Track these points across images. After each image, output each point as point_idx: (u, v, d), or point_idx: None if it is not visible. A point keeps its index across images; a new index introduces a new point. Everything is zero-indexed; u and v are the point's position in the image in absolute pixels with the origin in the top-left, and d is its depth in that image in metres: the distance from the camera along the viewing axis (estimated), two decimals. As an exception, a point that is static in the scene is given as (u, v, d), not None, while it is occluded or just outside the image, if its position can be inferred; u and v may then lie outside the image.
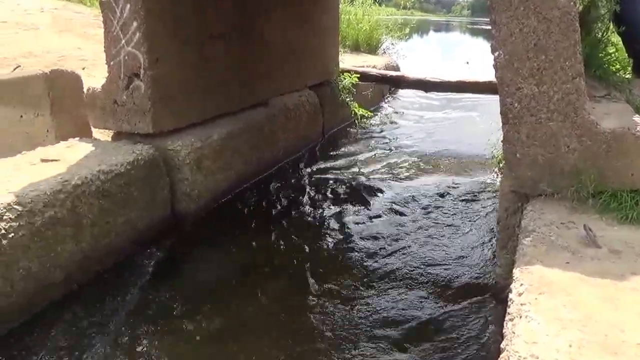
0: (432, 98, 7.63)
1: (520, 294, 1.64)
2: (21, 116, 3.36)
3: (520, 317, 1.53)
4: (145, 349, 2.39)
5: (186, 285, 2.91)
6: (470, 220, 3.76)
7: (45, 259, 2.57)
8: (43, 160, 2.94)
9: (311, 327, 2.59)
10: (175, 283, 2.92)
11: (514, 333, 1.48)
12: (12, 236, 2.40)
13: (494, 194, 4.08)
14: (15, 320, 2.45)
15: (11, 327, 2.42)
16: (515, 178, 2.40)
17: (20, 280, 2.45)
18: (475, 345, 2.43)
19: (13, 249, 2.40)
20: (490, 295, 2.78)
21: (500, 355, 1.47)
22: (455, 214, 3.86)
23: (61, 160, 2.97)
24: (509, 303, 1.67)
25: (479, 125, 6.31)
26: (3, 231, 2.36)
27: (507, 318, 1.61)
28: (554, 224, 2.10)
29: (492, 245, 3.33)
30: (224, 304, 2.76)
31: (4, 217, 2.38)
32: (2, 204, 2.39)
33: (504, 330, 1.59)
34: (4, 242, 2.36)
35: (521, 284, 1.69)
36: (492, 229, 3.52)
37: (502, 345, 1.51)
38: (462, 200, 4.11)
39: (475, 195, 4.20)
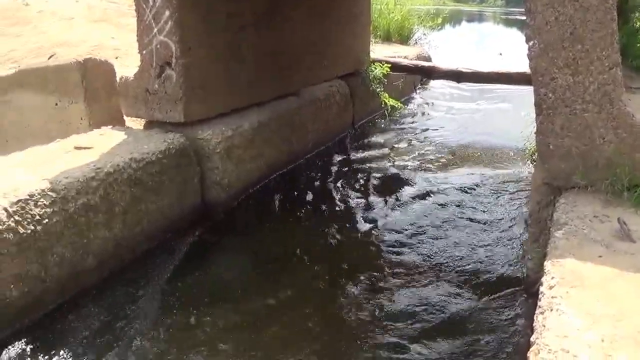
0: (464, 89, 7.52)
1: (551, 287, 1.61)
2: (56, 104, 3.44)
3: (552, 310, 1.50)
4: (173, 334, 2.41)
5: (216, 274, 2.94)
6: (500, 213, 3.70)
7: (79, 245, 2.62)
8: (77, 148, 3.00)
9: (339, 317, 2.60)
10: (205, 271, 2.95)
11: (544, 326, 1.45)
12: (47, 222, 2.45)
13: (526, 187, 4.01)
14: (50, 305, 2.50)
15: (46, 312, 2.47)
16: (548, 170, 2.36)
17: (54, 266, 2.50)
18: (504, 338, 2.40)
19: (47, 235, 2.45)
20: (520, 289, 2.73)
21: (530, 349, 1.45)
22: (485, 207, 3.81)
23: (94, 148, 3.02)
24: (540, 296, 1.64)
25: (512, 117, 6.19)
26: (37, 217, 2.41)
27: (537, 311, 1.58)
28: (587, 217, 2.05)
29: (522, 238, 3.28)
30: (252, 293, 2.77)
31: (39, 203, 2.43)
32: (36, 190, 2.45)
33: (534, 324, 1.56)
34: (39, 228, 2.41)
35: (552, 277, 1.66)
36: (523, 222, 3.46)
37: (532, 339, 1.49)
38: (493, 193, 4.05)
39: (507, 188, 4.13)
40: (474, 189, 4.13)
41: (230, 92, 3.81)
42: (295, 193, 4.06)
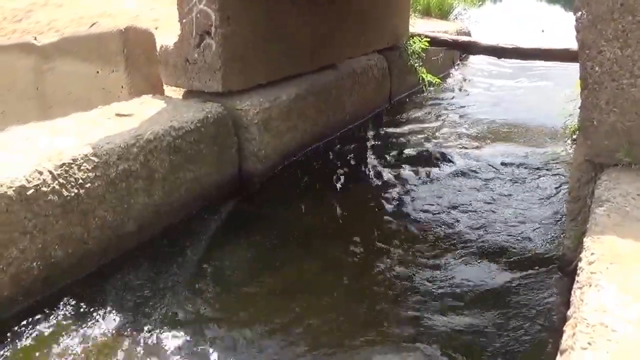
0: (504, 66, 7.35)
1: (590, 263, 1.58)
2: (97, 72, 3.50)
3: (590, 285, 1.48)
4: (208, 301, 2.47)
5: (251, 242, 2.98)
6: (537, 191, 3.63)
7: (119, 209, 2.69)
8: (118, 115, 3.05)
9: (369, 289, 2.61)
10: (241, 240, 2.99)
11: (582, 301, 1.44)
12: (89, 186, 2.52)
13: (565, 166, 3.93)
14: (92, 267, 2.59)
15: (88, 273, 2.56)
16: (590, 147, 2.30)
17: (95, 229, 2.58)
18: (538, 314, 2.38)
19: (89, 198, 2.53)
20: (556, 268, 2.69)
21: (567, 322, 1.43)
22: (522, 185, 3.74)
23: (135, 115, 3.07)
24: (578, 272, 1.62)
25: (553, 95, 6.02)
26: (80, 181, 2.48)
27: (575, 287, 1.56)
28: (630, 194, 2.00)
29: (559, 217, 3.22)
30: (287, 263, 2.81)
31: (82, 168, 2.50)
32: (79, 155, 2.51)
33: (571, 299, 1.54)
34: (81, 191, 2.49)
35: (592, 253, 1.63)
36: (561, 201, 3.40)
37: (569, 313, 1.48)
38: (531, 171, 3.97)
39: (545, 166, 4.05)
40: (511, 167, 4.06)
41: (268, 63, 3.81)
42: (331, 166, 4.06)
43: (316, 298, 2.52)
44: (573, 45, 2.52)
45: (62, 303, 2.35)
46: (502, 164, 4.11)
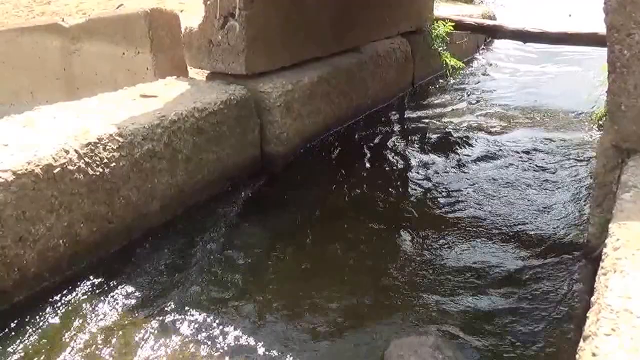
0: (529, 50, 7.23)
1: (616, 249, 1.56)
2: (123, 53, 3.53)
3: (615, 271, 1.46)
4: (229, 282, 2.49)
5: (272, 224, 3.00)
6: (561, 178, 3.59)
7: (144, 189, 2.72)
8: (142, 96, 3.08)
9: (393, 272, 2.61)
10: (263, 221, 3.01)
11: (606, 287, 1.42)
12: (114, 166, 2.55)
13: (590, 152, 3.87)
14: (116, 245, 2.63)
15: (112, 251, 2.60)
16: (617, 132, 2.26)
17: (120, 208, 2.62)
18: (560, 300, 2.36)
19: (114, 177, 2.56)
20: (579, 254, 2.67)
21: (591, 309, 1.42)
22: (546, 170, 3.70)
23: (159, 96, 3.10)
24: (602, 257, 1.60)
25: (579, 80, 5.95)
26: (105, 160, 2.52)
27: (599, 272, 1.54)
28: (658, 181, 1.97)
29: (583, 203, 3.19)
30: (308, 244, 2.83)
31: (107, 147, 2.53)
32: (105, 134, 2.54)
33: (595, 285, 1.53)
34: (106, 170, 2.52)
35: (617, 239, 1.61)
36: (585, 187, 3.37)
37: (592, 299, 1.46)
38: (555, 157, 3.93)
39: (569, 152, 3.99)
40: (535, 152, 4.02)
41: (292, 45, 3.81)
42: (353, 149, 4.06)
43: (337, 279, 2.53)
44: (601, 29, 2.47)
45: (85, 281, 2.39)
46: (527, 149, 4.07)
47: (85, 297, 2.31)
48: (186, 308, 2.26)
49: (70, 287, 2.34)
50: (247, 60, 3.42)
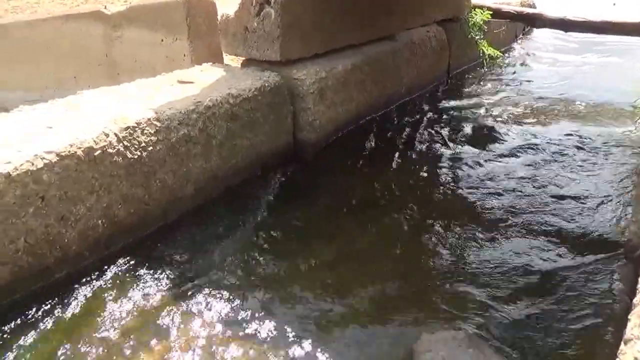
0: (570, 40, 7.07)
1: (657, 247, 1.53)
2: (162, 40, 3.60)
3: (657, 271, 1.43)
4: (260, 267, 2.55)
5: (303, 211, 3.03)
6: (601, 173, 3.49)
7: (179, 173, 2.80)
8: (179, 82, 3.15)
9: (422, 264, 2.61)
10: (294, 207, 3.05)
11: (650, 289, 1.39)
12: (151, 149, 2.63)
13: (632, 148, 3.78)
14: (152, 227, 2.71)
15: (147, 233, 2.68)
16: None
17: (156, 191, 2.69)
18: (599, 301, 2.29)
19: (151, 161, 2.64)
20: (620, 253, 2.59)
21: (633, 311, 1.39)
22: (585, 165, 3.61)
23: (195, 82, 3.16)
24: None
25: (623, 72, 5.80)
26: (143, 144, 2.59)
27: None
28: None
29: (624, 201, 3.09)
30: (338, 232, 2.85)
31: (145, 131, 2.61)
32: (143, 119, 2.62)
33: (638, 286, 1.50)
34: (144, 154, 2.60)
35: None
36: (627, 184, 3.28)
37: (634, 301, 1.43)
38: (595, 151, 3.82)
39: (611, 147, 3.88)
40: (573, 147, 3.92)
41: (326, 33, 3.82)
42: (385, 138, 4.05)
43: (366, 269, 2.55)
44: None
45: (122, 261, 2.48)
46: (564, 143, 3.98)
47: (121, 276, 2.40)
48: (216, 291, 2.32)
49: (107, 267, 2.43)
50: (282, 47, 3.46)
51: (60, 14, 4.19)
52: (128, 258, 2.50)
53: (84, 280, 2.34)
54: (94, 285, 2.32)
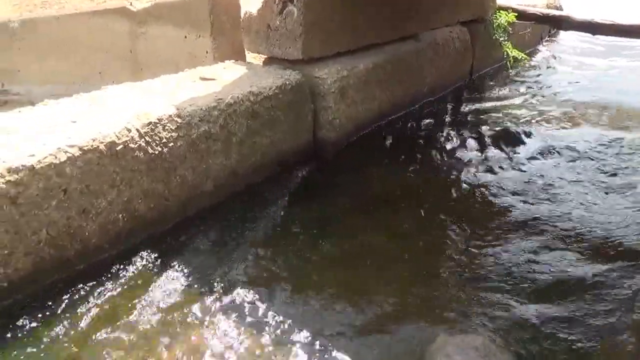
0: (597, 44, 6.95)
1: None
2: (185, 37, 3.63)
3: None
4: (276, 264, 2.55)
5: (321, 210, 3.04)
6: (627, 179, 3.43)
7: (199, 169, 2.82)
8: (202, 79, 3.17)
9: (437, 268, 2.59)
10: (313, 205, 3.06)
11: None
12: (172, 145, 2.65)
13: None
14: (171, 222, 2.74)
15: (166, 228, 2.71)
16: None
17: (176, 187, 2.72)
18: (622, 309, 2.25)
19: (172, 157, 2.66)
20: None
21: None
22: (610, 171, 3.54)
23: (217, 79, 3.18)
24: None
25: (651, 77, 5.69)
26: (164, 140, 2.62)
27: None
28: None
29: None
30: (355, 231, 2.84)
31: (166, 127, 2.63)
32: (165, 115, 2.64)
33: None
34: (165, 150, 2.62)
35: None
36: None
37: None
38: (621, 157, 3.75)
39: (637, 154, 3.81)
40: (599, 152, 3.84)
41: (348, 31, 3.82)
42: (406, 139, 4.04)
43: (382, 270, 2.54)
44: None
45: (141, 255, 2.50)
46: (590, 148, 3.91)
47: (140, 270, 2.42)
48: (232, 287, 2.33)
49: (126, 261, 2.46)
50: (304, 46, 3.46)
51: (87, 9, 4.26)
52: (147, 252, 2.52)
53: (104, 273, 2.37)
54: (113, 279, 2.35)
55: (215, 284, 2.35)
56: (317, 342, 2.06)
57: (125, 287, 2.32)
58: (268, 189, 3.17)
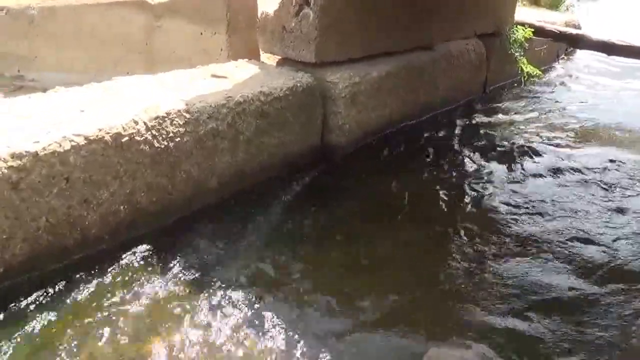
0: (612, 64, 6.91)
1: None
2: (201, 33, 3.64)
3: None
4: (277, 266, 2.54)
5: (325, 213, 3.03)
6: (633, 201, 3.39)
7: (204, 166, 2.81)
8: (213, 76, 3.17)
9: (438, 279, 2.57)
10: (316, 210, 3.05)
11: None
12: (178, 140, 2.65)
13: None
14: (174, 216, 2.73)
15: (168, 222, 2.70)
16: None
17: (180, 182, 2.71)
18: (619, 330, 2.23)
19: (178, 152, 2.66)
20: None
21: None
22: (616, 192, 3.51)
23: (229, 77, 3.18)
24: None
25: (665, 100, 5.64)
26: (171, 134, 2.61)
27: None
28: None
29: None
30: (359, 237, 2.83)
31: (174, 122, 2.63)
32: (173, 110, 2.64)
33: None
34: (171, 144, 2.62)
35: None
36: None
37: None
38: (629, 179, 3.71)
39: (644, 175, 3.78)
40: (607, 172, 3.81)
41: (363, 38, 3.81)
42: (415, 148, 4.02)
43: (382, 277, 2.52)
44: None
45: (141, 247, 2.49)
46: (598, 168, 3.87)
47: (139, 263, 2.42)
48: (231, 286, 2.32)
49: (126, 252, 2.45)
50: (318, 49, 3.45)
51: (105, 0, 4.28)
52: (147, 245, 2.51)
53: (102, 263, 2.36)
54: (110, 270, 2.35)
55: (210, 283, 2.33)
56: (309, 348, 2.03)
57: (118, 278, 2.31)
58: (274, 189, 3.16)
